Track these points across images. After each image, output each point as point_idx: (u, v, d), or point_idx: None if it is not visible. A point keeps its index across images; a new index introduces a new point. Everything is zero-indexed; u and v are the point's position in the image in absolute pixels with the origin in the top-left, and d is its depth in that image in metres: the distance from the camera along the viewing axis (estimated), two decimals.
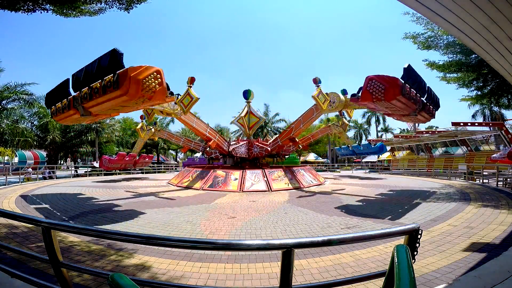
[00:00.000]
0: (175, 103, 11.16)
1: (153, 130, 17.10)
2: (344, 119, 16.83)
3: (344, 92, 13.11)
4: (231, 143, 15.21)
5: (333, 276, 3.21)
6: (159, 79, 5.85)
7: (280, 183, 11.64)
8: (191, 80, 11.24)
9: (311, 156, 42.52)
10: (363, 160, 45.80)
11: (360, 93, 7.94)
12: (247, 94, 15.42)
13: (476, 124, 21.13)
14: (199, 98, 11.09)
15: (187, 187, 11.85)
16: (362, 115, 47.09)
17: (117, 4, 6.88)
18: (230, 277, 3.24)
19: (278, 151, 14.84)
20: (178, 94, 11.21)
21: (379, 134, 49.11)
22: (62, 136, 22.81)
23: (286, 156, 18.30)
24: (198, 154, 40.41)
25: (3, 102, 18.07)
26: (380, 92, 7.10)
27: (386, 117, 46.02)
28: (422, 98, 8.12)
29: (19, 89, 18.65)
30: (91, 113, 6.91)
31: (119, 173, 21.74)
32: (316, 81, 12.22)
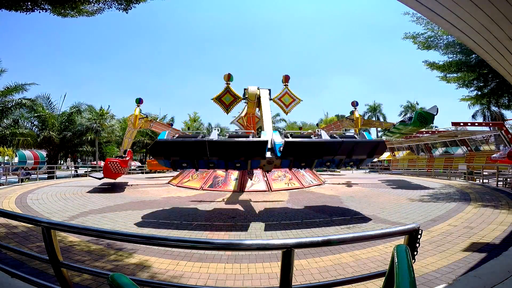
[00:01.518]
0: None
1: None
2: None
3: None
4: None
5: (333, 276, 3.21)
6: None
7: (280, 183, 11.63)
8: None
9: None
10: None
11: None
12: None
13: (476, 124, 21.15)
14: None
15: (187, 187, 11.85)
16: (362, 115, 47.10)
17: (116, 4, 6.88)
18: (230, 277, 3.24)
19: None
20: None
21: (379, 134, 49.14)
22: (59, 134, 22.75)
23: None
24: None
25: (8, 105, 18.07)
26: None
27: (387, 117, 46.09)
28: None
29: (19, 91, 18.66)
30: None
31: None
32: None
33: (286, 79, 11.89)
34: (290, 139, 6.24)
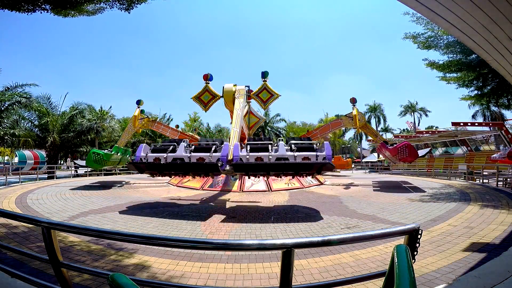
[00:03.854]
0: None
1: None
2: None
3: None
4: None
5: (333, 276, 3.21)
6: None
7: (280, 183, 11.63)
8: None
9: None
10: (363, 160, 45.85)
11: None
12: (264, 74, 12.90)
13: (476, 124, 21.19)
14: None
15: (187, 187, 11.85)
16: (363, 113, 46.89)
17: (118, 4, 6.88)
18: (230, 277, 3.24)
19: None
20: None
21: (379, 134, 49.05)
22: (59, 135, 22.78)
23: None
24: None
25: (5, 103, 18.05)
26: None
27: (387, 117, 46.20)
28: None
29: (19, 90, 18.65)
30: None
31: (119, 173, 21.74)
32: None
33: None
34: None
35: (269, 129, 41.94)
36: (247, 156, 6.95)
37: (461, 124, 18.96)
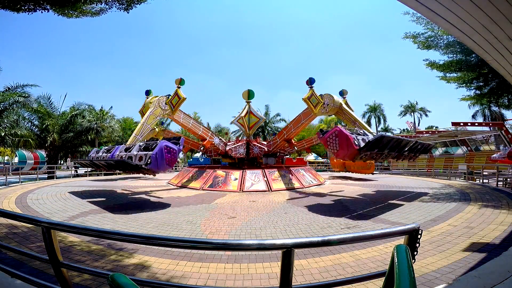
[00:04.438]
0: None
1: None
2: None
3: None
4: (228, 144, 15.17)
5: (333, 276, 3.21)
6: None
7: (280, 183, 11.63)
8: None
9: (311, 156, 42.51)
10: None
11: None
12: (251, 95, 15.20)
13: (476, 124, 21.19)
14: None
15: (187, 187, 11.85)
16: (362, 115, 46.88)
17: (117, 4, 6.87)
18: (230, 277, 3.24)
19: (275, 151, 14.94)
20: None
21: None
22: (59, 136, 22.77)
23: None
24: (198, 154, 40.38)
25: (4, 103, 18.00)
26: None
27: (387, 117, 46.08)
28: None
29: (19, 90, 18.64)
30: None
31: (119, 173, 21.73)
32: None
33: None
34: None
35: (269, 129, 41.92)
36: (119, 155, 8.48)
37: (461, 124, 18.96)
